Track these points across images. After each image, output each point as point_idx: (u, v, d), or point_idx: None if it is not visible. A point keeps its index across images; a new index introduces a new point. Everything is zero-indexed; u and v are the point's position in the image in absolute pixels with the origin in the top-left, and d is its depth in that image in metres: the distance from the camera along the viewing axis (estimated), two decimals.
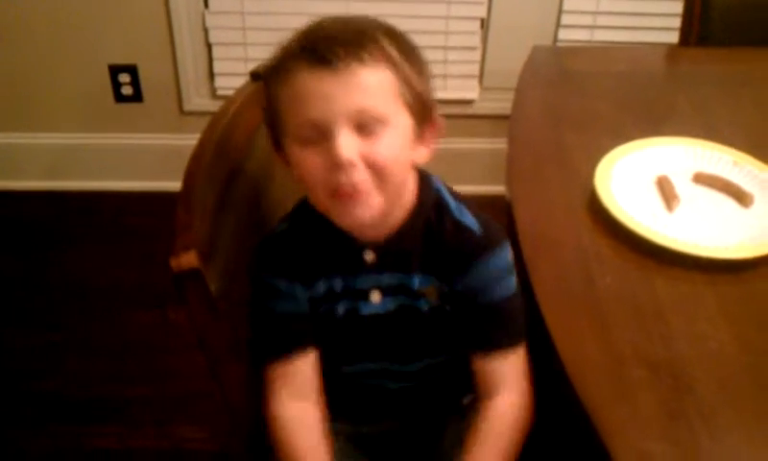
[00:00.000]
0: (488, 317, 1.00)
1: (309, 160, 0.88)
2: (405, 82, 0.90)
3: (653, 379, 0.88)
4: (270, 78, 0.93)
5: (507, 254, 1.00)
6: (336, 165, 0.86)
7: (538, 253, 1.04)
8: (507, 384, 1.00)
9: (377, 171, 0.89)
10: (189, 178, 0.95)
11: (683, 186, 1.19)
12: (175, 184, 0.95)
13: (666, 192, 1.17)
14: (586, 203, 1.15)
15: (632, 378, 0.88)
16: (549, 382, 0.97)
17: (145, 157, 2.55)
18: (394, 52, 0.89)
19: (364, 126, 0.87)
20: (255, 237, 1.06)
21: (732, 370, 0.90)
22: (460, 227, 0.99)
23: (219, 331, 0.92)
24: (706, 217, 1.14)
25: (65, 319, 2.11)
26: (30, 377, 1.95)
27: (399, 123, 0.90)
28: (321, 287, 1.01)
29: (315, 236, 1.00)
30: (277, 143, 0.96)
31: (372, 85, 0.87)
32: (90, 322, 2.11)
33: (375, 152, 0.88)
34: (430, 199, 0.99)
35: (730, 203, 1.18)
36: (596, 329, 0.95)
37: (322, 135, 0.87)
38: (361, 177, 0.88)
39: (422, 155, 0.96)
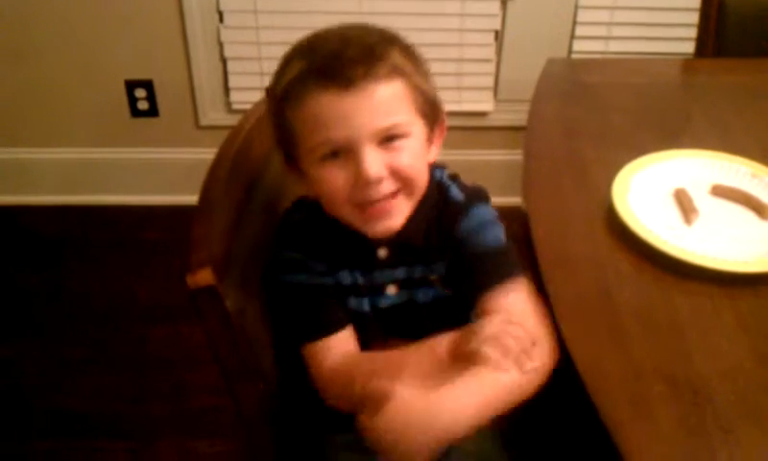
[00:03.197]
0: (478, 263, 1.00)
1: (332, 177, 0.89)
2: (416, 89, 0.92)
3: (672, 394, 0.87)
4: (279, 101, 0.93)
5: (487, 208, 1.02)
6: (364, 181, 0.88)
7: (555, 266, 1.04)
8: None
9: (403, 180, 0.91)
10: (206, 193, 0.95)
11: (701, 199, 1.18)
12: (191, 198, 0.95)
13: (684, 205, 1.16)
14: (603, 216, 1.14)
15: (651, 394, 0.87)
16: (567, 397, 0.96)
17: (161, 172, 2.56)
18: (402, 61, 0.91)
19: (386, 139, 0.89)
20: (270, 251, 1.07)
21: (752, 384, 0.89)
22: (451, 204, 1.02)
23: (234, 347, 0.92)
24: (724, 230, 1.13)
25: (81, 333, 2.12)
26: (46, 392, 1.96)
27: (416, 131, 0.92)
28: (346, 277, 1.02)
29: (330, 232, 1.00)
30: (289, 159, 0.97)
31: (390, 101, 0.88)
32: (106, 336, 2.11)
33: (400, 162, 0.90)
34: (433, 188, 1.00)
35: (748, 215, 1.17)
36: (614, 344, 0.94)
37: (344, 153, 0.88)
38: (389, 188, 0.90)
39: (433, 154, 0.99)
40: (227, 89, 2.43)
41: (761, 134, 1.37)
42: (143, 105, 2.46)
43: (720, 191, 1.21)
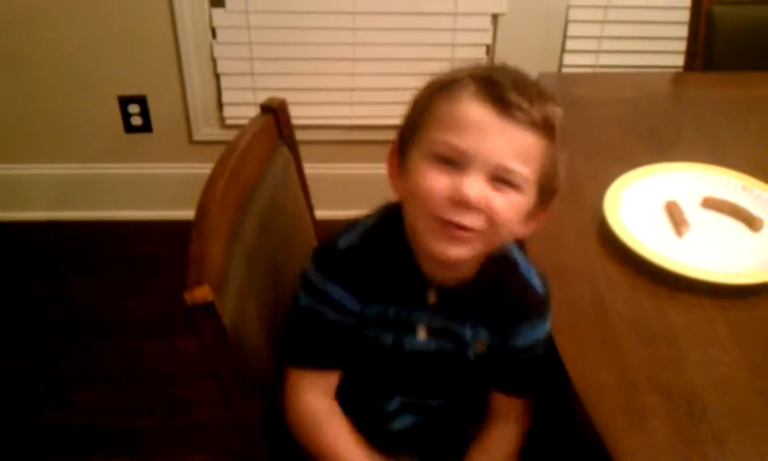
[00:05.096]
0: (521, 369, 1.04)
1: (432, 179, 0.87)
2: (550, 159, 0.90)
3: (666, 405, 0.88)
4: (435, 86, 0.91)
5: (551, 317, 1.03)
6: (458, 200, 0.86)
7: (548, 279, 1.05)
8: (513, 418, 1.07)
9: (491, 224, 0.88)
10: (202, 209, 0.96)
11: (691, 211, 1.19)
12: (184, 213, 0.95)
13: (676, 217, 1.17)
14: (595, 229, 1.15)
15: (645, 404, 0.88)
16: (561, 409, 0.97)
17: (155, 187, 2.56)
18: (557, 128, 0.89)
19: (498, 179, 0.87)
20: (265, 268, 1.07)
21: (745, 394, 0.90)
22: (526, 285, 1.01)
23: (231, 362, 0.92)
24: (715, 242, 1.15)
25: (75, 349, 2.11)
26: (40, 407, 1.95)
27: (527, 194, 0.90)
28: (374, 310, 1.00)
29: (386, 258, 0.98)
30: (400, 152, 0.95)
31: (526, 149, 0.87)
32: (100, 352, 2.11)
33: (497, 205, 0.87)
34: (500, 253, 0.99)
35: (739, 227, 1.18)
36: (608, 356, 0.95)
37: (456, 164, 0.86)
38: (474, 223, 0.87)
39: (522, 231, 0.96)
40: (220, 105, 2.43)
41: (752, 147, 1.38)
42: (137, 120, 2.46)
43: (711, 204, 1.22)
